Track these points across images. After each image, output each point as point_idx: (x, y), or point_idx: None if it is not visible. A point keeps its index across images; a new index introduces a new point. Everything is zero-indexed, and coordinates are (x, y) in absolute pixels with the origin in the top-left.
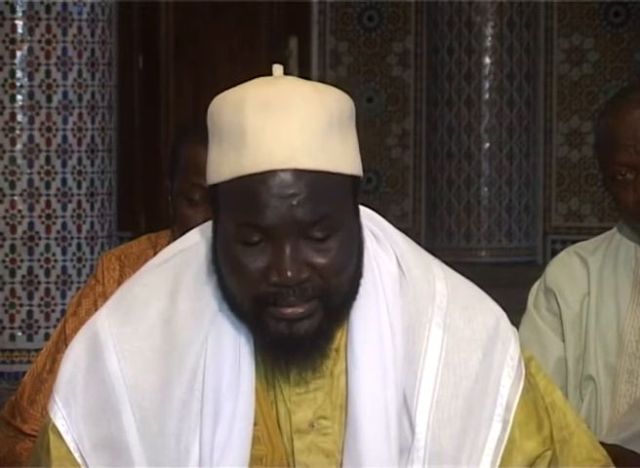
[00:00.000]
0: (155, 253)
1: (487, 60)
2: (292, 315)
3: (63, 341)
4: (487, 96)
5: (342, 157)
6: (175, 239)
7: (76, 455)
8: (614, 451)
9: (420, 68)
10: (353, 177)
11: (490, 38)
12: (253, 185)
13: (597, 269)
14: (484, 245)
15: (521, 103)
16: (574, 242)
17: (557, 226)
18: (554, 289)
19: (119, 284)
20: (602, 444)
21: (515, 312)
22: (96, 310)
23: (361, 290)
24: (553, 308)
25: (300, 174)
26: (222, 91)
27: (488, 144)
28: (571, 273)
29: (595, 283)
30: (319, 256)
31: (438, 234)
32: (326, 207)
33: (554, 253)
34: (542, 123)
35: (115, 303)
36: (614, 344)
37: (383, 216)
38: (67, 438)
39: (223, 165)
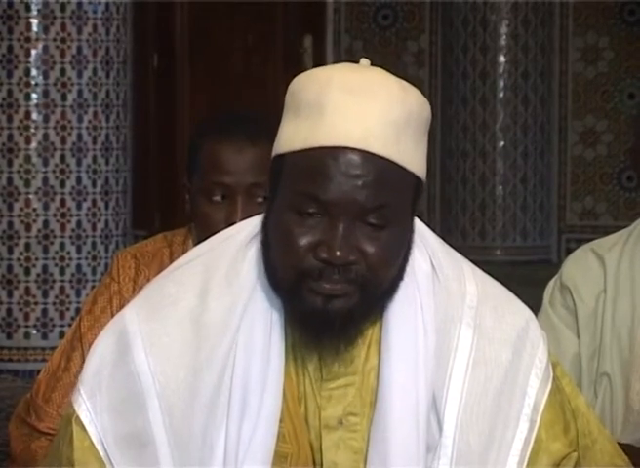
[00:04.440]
0: (171, 252)
1: (502, 59)
2: (329, 291)
3: (78, 339)
4: (502, 94)
5: (413, 156)
6: (193, 237)
7: (99, 448)
8: (628, 451)
9: (434, 67)
10: (417, 180)
11: (505, 37)
12: (322, 158)
13: (614, 266)
14: (499, 243)
15: (536, 102)
16: (588, 240)
17: (572, 225)
18: (570, 285)
19: (134, 282)
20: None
21: (530, 310)
22: (111, 308)
23: (399, 288)
24: (568, 305)
25: (370, 157)
26: (238, 90)
27: (502, 143)
28: (587, 270)
29: (612, 279)
30: (369, 244)
31: (453, 233)
32: (388, 196)
33: (569, 251)
34: (557, 121)
35: (144, 299)
36: (629, 341)
37: None
38: (91, 430)
39: (296, 136)
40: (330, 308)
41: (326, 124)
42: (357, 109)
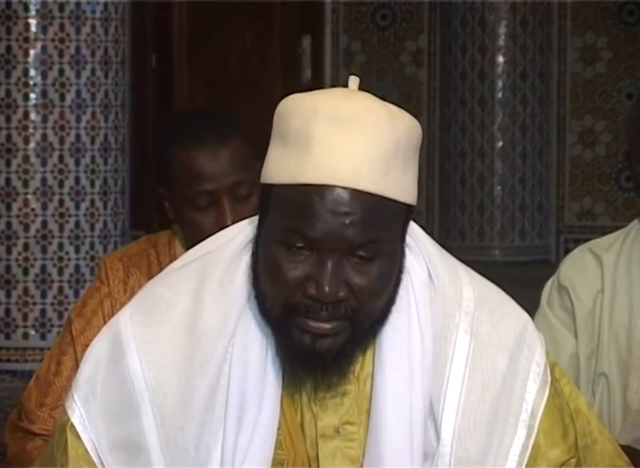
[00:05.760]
0: (157, 252)
1: (500, 59)
2: (318, 330)
3: (70, 343)
4: (500, 94)
5: (402, 185)
6: (178, 239)
7: (93, 455)
8: (627, 453)
9: (433, 67)
10: (407, 206)
11: (503, 37)
12: (309, 195)
13: (611, 266)
14: (497, 244)
15: (534, 102)
16: (586, 241)
17: (570, 225)
18: (567, 286)
19: (125, 283)
20: None
21: (528, 310)
22: (102, 310)
23: (390, 313)
24: (566, 305)
25: (358, 194)
26: (235, 90)
27: (501, 143)
28: (584, 270)
29: (609, 280)
30: (359, 277)
31: (451, 233)
32: (377, 231)
33: (567, 251)
34: (556, 122)
35: (139, 303)
36: (627, 341)
37: None
38: (85, 437)
39: (284, 168)
40: (319, 347)
41: (313, 160)
42: (344, 144)
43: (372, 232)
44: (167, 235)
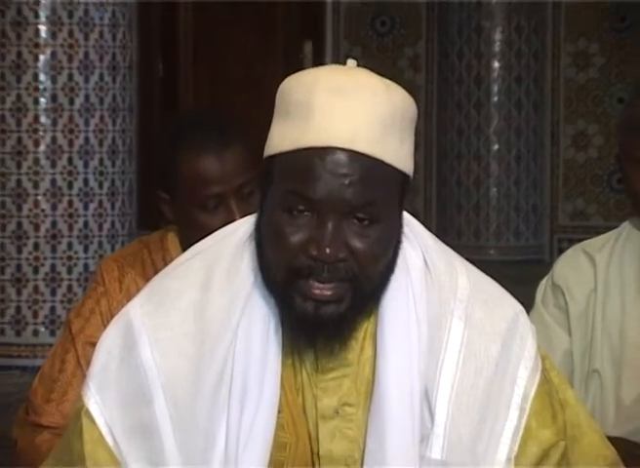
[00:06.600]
0: (149, 251)
1: (496, 65)
2: (320, 296)
3: (70, 342)
4: (496, 99)
5: (399, 153)
6: (171, 238)
7: (108, 439)
8: (619, 444)
9: (430, 72)
10: (404, 177)
11: (499, 43)
12: (310, 158)
13: (604, 265)
14: (493, 243)
15: (529, 106)
16: (580, 240)
17: (564, 225)
18: (561, 284)
19: (120, 282)
20: (608, 437)
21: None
22: (99, 309)
23: (392, 281)
24: (560, 304)
25: (357, 156)
26: (239, 94)
27: (496, 146)
28: (578, 269)
29: (602, 279)
30: (358, 240)
31: (448, 232)
32: (375, 194)
33: (561, 251)
34: (550, 125)
35: (148, 294)
36: (619, 339)
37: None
38: (100, 422)
39: (286, 137)
40: (321, 314)
41: (313, 125)
42: (343, 109)
43: (370, 194)
44: (158, 235)
